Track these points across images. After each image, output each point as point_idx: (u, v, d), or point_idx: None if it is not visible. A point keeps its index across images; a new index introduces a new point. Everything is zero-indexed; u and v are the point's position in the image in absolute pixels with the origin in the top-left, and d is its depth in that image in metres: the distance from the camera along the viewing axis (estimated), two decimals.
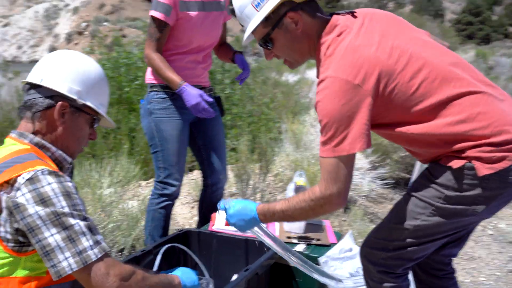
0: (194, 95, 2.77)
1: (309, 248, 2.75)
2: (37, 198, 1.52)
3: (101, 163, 3.56)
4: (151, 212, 3.03)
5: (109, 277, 1.55)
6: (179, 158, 2.99)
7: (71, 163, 1.83)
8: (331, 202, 1.76)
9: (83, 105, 1.80)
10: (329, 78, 1.69)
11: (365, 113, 1.67)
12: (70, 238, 1.52)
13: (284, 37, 1.86)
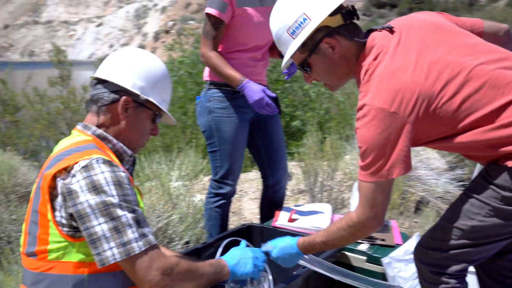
0: (257, 90, 2.71)
1: (372, 248, 2.67)
2: (90, 185, 1.58)
3: (171, 156, 3.64)
4: (208, 211, 3.04)
5: (151, 271, 1.59)
6: (237, 158, 2.97)
7: (131, 156, 1.89)
8: (368, 225, 1.81)
9: (146, 100, 1.86)
10: (366, 106, 1.68)
11: (403, 139, 1.66)
12: (117, 229, 1.57)
13: (321, 62, 1.86)
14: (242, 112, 2.91)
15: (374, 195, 1.75)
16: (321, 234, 2.00)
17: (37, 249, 1.65)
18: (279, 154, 3.11)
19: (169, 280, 1.63)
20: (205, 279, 1.76)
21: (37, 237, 1.65)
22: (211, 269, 1.81)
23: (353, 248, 2.66)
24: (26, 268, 1.71)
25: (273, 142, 3.10)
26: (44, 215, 1.63)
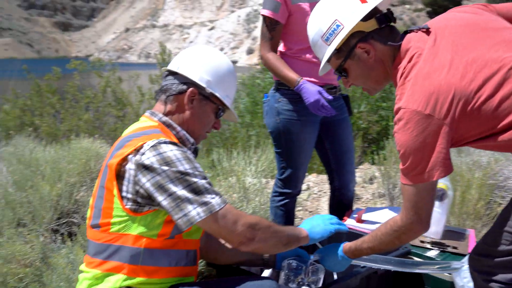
0: (313, 92, 2.66)
1: (442, 255, 2.57)
2: (161, 161, 1.74)
3: (249, 153, 3.73)
4: (273, 209, 3.04)
5: (237, 225, 1.76)
6: (304, 160, 2.94)
7: (193, 144, 2.00)
8: (413, 229, 1.80)
9: (211, 94, 1.99)
10: (401, 110, 1.67)
11: (440, 141, 1.63)
12: (195, 192, 1.73)
13: (357, 67, 1.86)
14: (311, 114, 2.84)
15: (417, 199, 1.73)
16: (367, 240, 2.01)
17: (101, 221, 1.81)
18: (346, 157, 3.05)
19: (256, 234, 1.78)
20: (286, 237, 1.90)
21: (102, 210, 1.81)
22: (291, 230, 1.96)
23: (421, 254, 2.58)
24: (90, 239, 1.88)
25: (341, 146, 3.03)
26: (110, 190, 1.79)
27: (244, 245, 1.79)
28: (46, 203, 2.71)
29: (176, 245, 1.86)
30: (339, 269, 2.19)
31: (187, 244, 1.91)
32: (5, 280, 2.30)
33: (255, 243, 1.80)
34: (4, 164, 3.21)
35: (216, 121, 2.09)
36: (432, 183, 1.71)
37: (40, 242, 2.43)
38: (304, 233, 2.00)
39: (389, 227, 1.88)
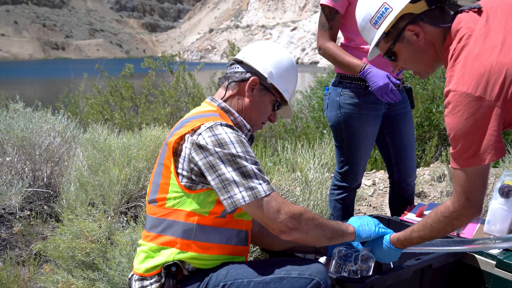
0: (382, 76, 2.61)
1: (505, 254, 2.46)
2: (215, 142, 1.82)
3: (313, 145, 3.75)
4: (332, 202, 3.03)
5: (280, 214, 1.79)
6: (364, 154, 2.91)
7: (249, 130, 2.06)
8: (465, 214, 1.78)
9: (271, 85, 2.07)
10: (451, 92, 1.64)
11: (492, 124, 1.59)
12: (244, 175, 1.80)
13: (407, 49, 1.83)
14: (373, 109, 2.82)
15: (468, 183, 1.70)
16: (416, 228, 1.99)
17: (158, 196, 1.92)
18: (407, 152, 2.99)
19: (298, 224, 1.81)
20: (330, 231, 1.91)
21: (159, 186, 1.93)
22: (336, 225, 1.96)
23: (482, 251, 2.49)
24: (148, 214, 1.99)
25: (403, 140, 2.98)
26: (167, 167, 1.90)
27: (285, 234, 1.82)
28: (115, 186, 2.87)
29: (227, 224, 1.93)
30: (389, 260, 2.18)
31: (238, 224, 1.98)
32: (74, 254, 2.47)
33: (296, 233, 1.82)
34: (81, 150, 3.44)
35: (273, 114, 2.16)
36: (483, 167, 1.67)
37: (107, 221, 2.58)
38: (351, 229, 2.01)
39: (440, 214, 1.85)
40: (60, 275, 2.44)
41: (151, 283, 1.90)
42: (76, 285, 2.37)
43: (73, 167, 3.27)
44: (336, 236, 1.94)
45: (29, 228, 3.01)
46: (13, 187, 3.07)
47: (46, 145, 3.50)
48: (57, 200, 3.33)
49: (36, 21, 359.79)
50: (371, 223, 2.06)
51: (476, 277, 2.48)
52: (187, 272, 1.90)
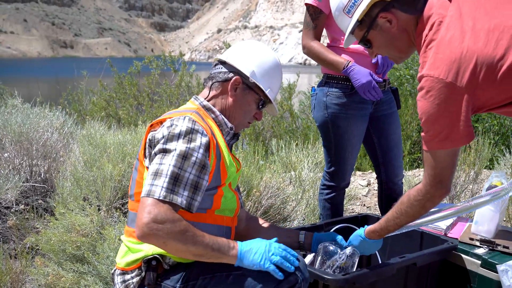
0: (364, 73, 2.64)
1: (490, 254, 2.49)
2: (166, 134, 1.84)
3: (307, 145, 3.78)
4: (322, 202, 3.04)
5: (144, 213, 1.71)
6: (351, 154, 2.92)
7: (231, 129, 2.09)
8: (436, 194, 1.85)
9: (254, 84, 2.08)
10: (424, 78, 1.68)
11: (462, 109, 1.65)
12: (156, 172, 1.78)
13: (381, 36, 1.87)
14: (360, 108, 2.83)
15: (439, 165, 1.78)
16: (391, 217, 2.04)
17: (135, 191, 1.95)
18: (394, 152, 3.01)
19: (157, 230, 1.69)
20: (198, 247, 1.75)
21: (136, 181, 1.95)
22: (215, 244, 1.79)
23: (468, 251, 2.51)
24: (129, 210, 2.02)
25: (389, 141, 2.99)
26: (141, 161, 1.94)
27: (141, 237, 1.72)
28: (108, 182, 2.91)
29: (207, 219, 1.94)
30: (372, 251, 2.26)
31: (218, 219, 1.99)
32: (65, 247, 2.51)
33: (153, 238, 1.71)
34: (77, 146, 3.48)
35: (258, 112, 2.16)
36: (454, 150, 1.74)
37: (99, 216, 2.62)
38: (233, 252, 1.82)
39: (413, 198, 1.91)
40: (50, 267, 2.48)
41: (132, 277, 1.93)
42: (65, 278, 2.41)
43: (69, 163, 3.31)
44: (207, 255, 1.79)
45: (23, 222, 3.05)
46: (10, 181, 3.11)
47: (43, 140, 3.54)
48: (53, 196, 3.37)
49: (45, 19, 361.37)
50: (263, 253, 1.82)
51: (462, 276, 2.50)
52: (168, 266, 1.92)
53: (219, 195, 1.98)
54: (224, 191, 2.00)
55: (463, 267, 2.50)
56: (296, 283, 1.86)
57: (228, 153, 2.02)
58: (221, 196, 1.99)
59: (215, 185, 1.95)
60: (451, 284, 2.55)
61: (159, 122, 1.94)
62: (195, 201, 1.82)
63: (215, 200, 1.97)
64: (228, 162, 2.00)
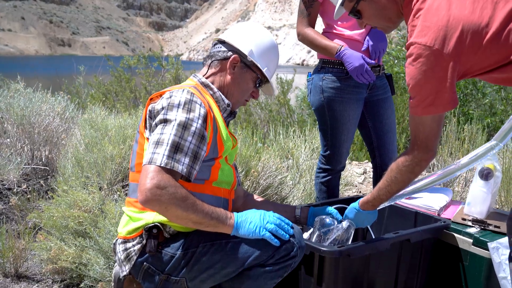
0: (357, 57, 2.72)
1: (482, 233, 2.55)
2: (165, 104, 1.91)
3: (304, 131, 3.84)
4: (318, 185, 3.11)
5: (147, 179, 1.76)
6: (347, 137, 2.98)
7: (228, 105, 2.15)
8: (423, 158, 1.94)
9: (252, 63, 2.15)
10: (412, 45, 1.76)
11: (448, 75, 1.72)
12: (158, 141, 1.84)
13: (370, 7, 1.95)
14: (355, 92, 2.91)
15: (426, 130, 1.86)
16: (382, 186, 2.11)
17: (136, 163, 2.01)
18: (388, 136, 3.07)
19: (159, 196, 1.74)
20: (198, 215, 1.81)
21: (137, 152, 2.02)
22: (214, 213, 1.86)
23: (461, 230, 2.58)
24: (130, 182, 2.08)
25: (384, 125, 3.05)
26: (141, 133, 2.00)
27: (144, 202, 1.77)
28: (109, 162, 2.97)
29: (205, 190, 2.01)
30: (368, 223, 2.34)
31: (216, 191, 2.06)
32: (67, 223, 2.57)
33: (155, 204, 1.76)
34: (79, 129, 3.54)
35: (255, 91, 2.24)
36: (440, 115, 1.82)
37: (100, 194, 2.68)
38: (230, 222, 1.89)
39: (402, 164, 1.99)
40: (53, 242, 2.53)
41: (133, 245, 1.99)
42: (68, 252, 2.47)
43: (71, 145, 3.37)
44: (205, 223, 1.85)
45: (25, 202, 3.11)
46: (12, 163, 3.17)
47: (45, 125, 3.60)
48: (55, 178, 3.43)
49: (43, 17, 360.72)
50: (258, 223, 1.91)
51: (454, 255, 2.56)
52: (168, 235, 1.98)
53: (216, 167, 2.05)
54: (221, 163, 2.07)
55: (456, 245, 2.56)
56: (292, 250, 1.93)
57: (224, 127, 2.09)
58: (219, 168, 2.06)
59: (212, 157, 2.01)
60: (444, 262, 2.62)
61: (159, 95, 2.01)
62: (194, 170, 1.88)
63: (213, 172, 2.04)
64: (224, 136, 2.06)
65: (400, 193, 2.22)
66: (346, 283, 2.24)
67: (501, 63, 1.70)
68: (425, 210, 2.79)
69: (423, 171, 2.06)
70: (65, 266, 2.50)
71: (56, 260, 2.51)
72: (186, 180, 1.91)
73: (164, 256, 1.96)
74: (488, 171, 2.73)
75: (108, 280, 2.36)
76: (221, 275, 1.94)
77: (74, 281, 2.59)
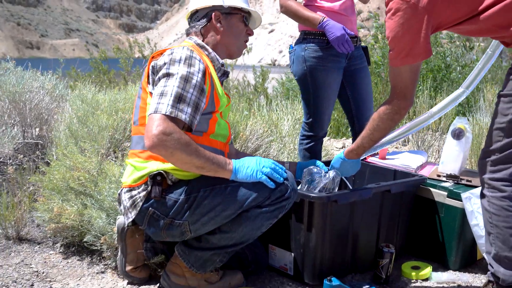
0: (338, 27, 2.92)
1: (455, 186, 2.76)
2: (167, 60, 2.08)
3: (287, 103, 4.03)
4: (302, 152, 3.30)
5: (154, 126, 1.92)
6: (328, 104, 3.18)
7: (222, 65, 2.32)
8: (401, 106, 2.14)
9: (230, 8, 2.32)
10: (391, 0, 1.96)
11: (423, 27, 1.92)
12: (162, 93, 2.00)
13: None
14: (336, 61, 3.10)
15: (404, 79, 2.06)
16: (365, 134, 2.30)
17: (139, 116, 2.17)
18: (365, 104, 3.29)
19: (165, 141, 1.89)
20: (202, 161, 1.98)
21: (139, 107, 2.17)
22: (214, 158, 2.02)
23: (436, 184, 2.79)
24: (132, 135, 2.24)
25: (361, 93, 3.27)
26: (144, 89, 2.16)
27: (151, 147, 1.92)
28: (104, 132, 3.10)
29: (204, 142, 2.16)
30: (352, 172, 2.53)
31: (213, 143, 2.23)
32: (68, 183, 2.70)
33: (161, 149, 1.90)
34: (69, 104, 3.66)
35: (247, 29, 2.41)
36: (416, 65, 2.03)
37: (97, 158, 2.81)
38: (229, 167, 2.05)
39: (382, 113, 2.18)
40: (55, 202, 2.66)
41: (139, 192, 2.14)
42: (69, 210, 2.60)
43: (63, 119, 3.49)
44: (207, 168, 2.00)
45: (22, 173, 3.21)
46: (7, 135, 3.27)
47: (36, 102, 3.71)
48: (46, 152, 3.54)
49: (10, 20, 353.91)
50: (254, 167, 2.08)
51: (431, 208, 2.77)
52: (171, 182, 2.14)
53: (214, 120, 2.21)
54: (217, 117, 2.24)
55: (432, 199, 2.77)
56: (286, 191, 2.11)
57: (219, 85, 2.26)
58: (216, 121, 2.22)
59: (210, 110, 2.18)
60: (421, 216, 2.83)
61: (160, 53, 2.16)
62: (195, 119, 2.05)
63: (210, 124, 2.20)
64: (220, 92, 2.23)
65: (380, 142, 2.43)
66: (334, 230, 2.43)
67: (470, 14, 1.92)
68: (403, 168, 3.00)
69: (402, 119, 2.25)
70: (67, 224, 2.63)
71: (58, 219, 2.63)
72: (188, 130, 2.07)
73: (168, 201, 2.11)
74: (460, 130, 2.96)
75: (110, 234, 2.50)
76: (221, 217, 2.11)
77: (75, 240, 2.72)
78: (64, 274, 2.52)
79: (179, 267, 2.25)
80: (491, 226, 2.08)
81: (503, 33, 1.93)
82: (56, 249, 2.79)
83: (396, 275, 2.62)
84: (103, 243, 2.51)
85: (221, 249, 2.19)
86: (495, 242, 2.06)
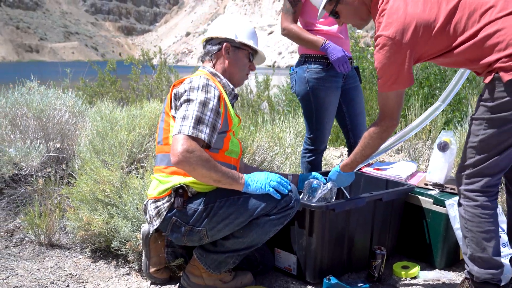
0: (339, 49, 3.26)
1: (440, 194, 3.05)
2: (187, 88, 2.42)
3: (289, 118, 4.37)
4: (304, 164, 3.63)
5: (179, 145, 2.27)
6: (329, 120, 3.50)
7: (233, 89, 2.66)
8: (389, 125, 2.46)
9: (240, 43, 2.66)
10: (379, 37, 2.29)
11: (406, 60, 2.26)
12: (184, 117, 2.34)
13: (345, 9, 2.51)
14: (334, 81, 3.42)
15: (391, 103, 2.40)
16: (358, 151, 2.63)
17: (163, 137, 2.51)
18: (359, 118, 3.62)
19: (189, 158, 2.23)
20: (219, 176, 2.31)
21: (163, 129, 2.51)
22: (229, 173, 2.37)
23: (423, 192, 3.10)
24: (157, 154, 2.58)
25: (356, 108, 3.60)
26: (167, 113, 2.50)
27: (176, 163, 2.26)
28: (124, 147, 3.43)
29: (219, 158, 2.50)
30: (347, 183, 2.84)
31: (227, 159, 2.56)
32: (95, 195, 3.03)
33: (185, 164, 2.24)
34: (90, 121, 3.99)
35: (250, 64, 2.75)
36: (401, 91, 2.37)
37: (120, 172, 3.15)
38: (242, 181, 2.40)
39: (372, 132, 2.51)
40: (84, 211, 2.99)
41: (163, 203, 2.48)
42: (98, 219, 2.93)
43: (84, 134, 3.82)
44: (223, 181, 2.34)
45: (50, 184, 3.54)
46: (35, 150, 3.60)
47: (58, 118, 4.04)
48: (68, 165, 3.87)
49: (9, 23, 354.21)
50: (263, 181, 2.41)
51: (419, 213, 3.09)
52: (191, 194, 2.48)
53: (228, 138, 2.55)
54: (231, 135, 2.57)
55: (420, 206, 3.09)
56: (291, 202, 2.45)
57: (231, 107, 2.60)
58: (229, 139, 2.56)
59: (224, 130, 2.51)
60: (410, 221, 3.14)
61: (180, 82, 2.50)
62: (213, 138, 2.39)
63: (225, 142, 2.54)
64: (232, 113, 2.57)
65: (375, 155, 2.76)
66: (332, 234, 2.76)
67: (445, 50, 2.27)
68: (394, 178, 3.33)
69: (389, 137, 2.59)
70: (95, 232, 2.96)
71: (87, 227, 2.96)
72: (206, 147, 2.41)
73: (188, 211, 2.45)
74: (445, 143, 3.28)
75: (134, 240, 2.83)
76: (234, 224, 2.44)
77: (102, 245, 3.05)
78: (94, 276, 2.85)
79: (197, 269, 2.58)
80: (466, 231, 2.40)
81: (473, 65, 2.27)
82: (84, 253, 3.12)
83: (387, 274, 2.95)
84: (128, 248, 2.84)
85: (234, 252, 2.52)
86: (470, 244, 2.39)
